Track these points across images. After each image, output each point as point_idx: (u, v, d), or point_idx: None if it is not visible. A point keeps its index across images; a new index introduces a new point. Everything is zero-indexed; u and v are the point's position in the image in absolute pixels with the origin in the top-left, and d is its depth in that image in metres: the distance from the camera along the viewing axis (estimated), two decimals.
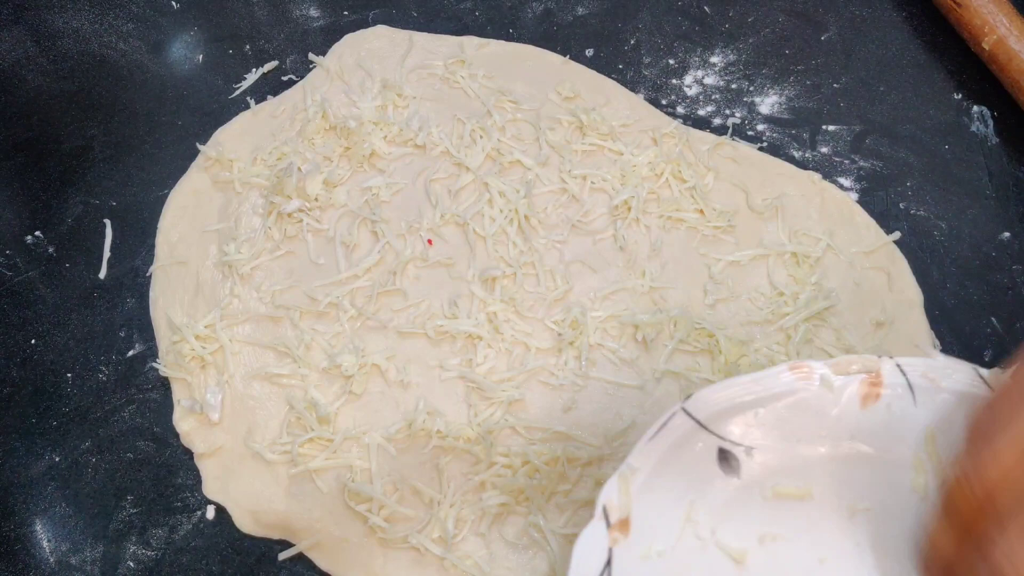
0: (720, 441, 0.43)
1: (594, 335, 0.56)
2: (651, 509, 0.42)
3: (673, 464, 0.43)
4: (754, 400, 0.43)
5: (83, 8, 0.73)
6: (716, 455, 0.44)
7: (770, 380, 0.43)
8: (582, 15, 0.71)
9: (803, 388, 0.43)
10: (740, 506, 0.43)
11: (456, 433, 0.53)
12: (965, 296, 0.58)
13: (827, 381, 0.42)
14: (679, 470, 0.43)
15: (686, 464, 0.43)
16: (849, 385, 0.42)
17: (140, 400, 0.57)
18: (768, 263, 0.59)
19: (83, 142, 0.67)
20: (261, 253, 0.60)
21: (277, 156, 0.63)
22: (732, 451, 0.43)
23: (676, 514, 0.43)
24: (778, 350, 0.55)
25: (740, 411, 0.43)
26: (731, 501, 0.43)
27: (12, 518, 0.54)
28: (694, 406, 0.43)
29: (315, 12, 0.72)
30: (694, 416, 0.43)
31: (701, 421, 0.43)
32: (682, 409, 0.42)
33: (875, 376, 0.42)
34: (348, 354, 0.55)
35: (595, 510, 0.42)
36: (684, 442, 0.43)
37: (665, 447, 0.42)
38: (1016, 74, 0.61)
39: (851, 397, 0.42)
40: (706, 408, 0.43)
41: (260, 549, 0.52)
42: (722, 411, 0.43)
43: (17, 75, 0.70)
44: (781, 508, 0.44)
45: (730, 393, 0.43)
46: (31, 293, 0.61)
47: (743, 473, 0.44)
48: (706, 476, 0.43)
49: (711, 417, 0.43)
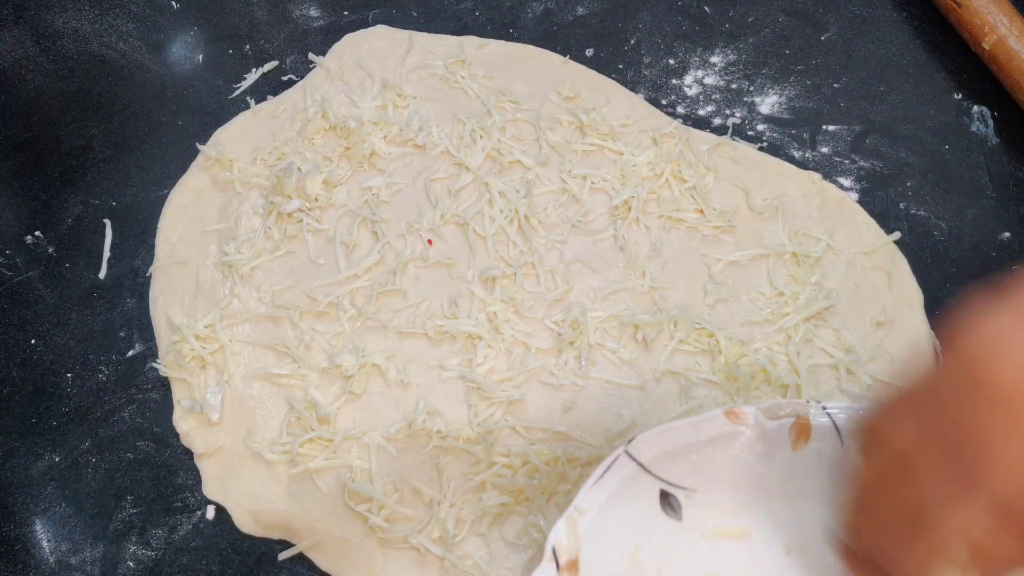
0: (661, 483, 0.45)
1: (594, 335, 0.56)
2: (599, 550, 0.44)
3: (618, 506, 0.44)
4: (692, 444, 0.45)
5: (83, 8, 0.73)
6: (658, 497, 0.45)
7: (707, 424, 0.45)
8: (582, 15, 0.71)
9: (738, 432, 0.45)
10: (683, 547, 0.45)
11: (456, 433, 0.53)
12: (965, 296, 0.58)
13: (759, 425, 0.45)
14: (624, 512, 0.44)
15: (631, 506, 0.45)
16: (781, 429, 0.44)
17: (140, 400, 0.57)
18: (768, 263, 0.59)
19: (83, 142, 0.67)
20: (261, 253, 0.60)
21: (277, 156, 0.63)
22: (673, 493, 0.45)
23: (623, 555, 0.45)
24: (778, 350, 0.55)
25: (679, 454, 0.45)
26: (674, 542, 0.45)
27: (12, 518, 0.54)
28: (636, 449, 0.44)
29: (315, 12, 0.72)
30: (636, 458, 0.44)
31: (643, 464, 0.45)
32: (625, 452, 0.44)
33: (804, 420, 0.44)
34: (348, 354, 0.55)
35: (544, 551, 0.43)
36: (628, 484, 0.44)
37: (610, 489, 0.44)
38: (1016, 74, 0.61)
39: (782, 440, 0.44)
40: (647, 451, 0.45)
41: (260, 549, 0.52)
42: (662, 454, 0.45)
43: (17, 75, 0.70)
44: (722, 548, 0.45)
45: (670, 436, 0.45)
46: (31, 293, 0.61)
47: (684, 514, 0.45)
48: (650, 518, 0.45)
49: (652, 460, 0.45)
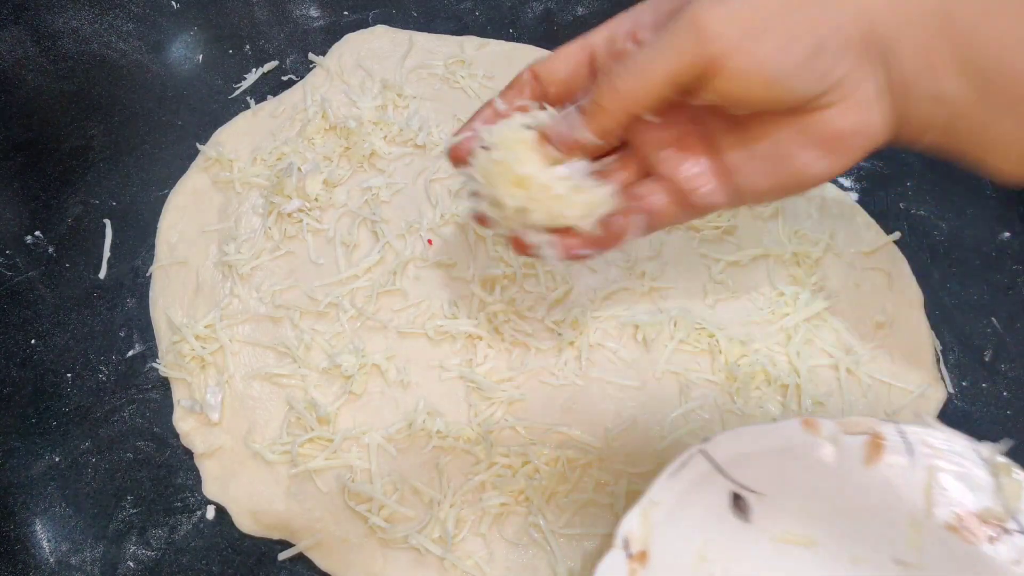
0: (734, 485, 0.45)
1: (594, 335, 0.56)
2: (668, 544, 0.44)
3: (690, 502, 0.44)
4: (767, 449, 0.45)
5: (83, 8, 0.73)
6: (729, 498, 0.45)
7: (783, 431, 0.45)
8: (582, 15, 0.71)
9: (813, 442, 0.45)
10: (749, 549, 0.45)
11: (456, 433, 0.53)
12: (965, 296, 0.58)
13: (835, 438, 0.45)
14: (695, 509, 0.45)
15: (702, 504, 0.45)
16: (855, 443, 0.45)
17: (140, 400, 0.57)
18: (768, 263, 0.59)
19: (83, 142, 0.67)
20: (261, 253, 0.60)
21: (277, 156, 0.63)
22: (744, 495, 0.45)
23: (691, 551, 0.45)
24: (778, 350, 0.55)
25: (753, 458, 0.45)
26: (741, 544, 0.45)
27: (12, 518, 0.54)
28: (713, 448, 0.45)
29: (315, 12, 0.72)
30: (712, 458, 0.45)
31: (718, 463, 0.45)
32: (700, 451, 0.45)
33: (879, 438, 0.45)
34: (348, 354, 0.55)
35: (615, 540, 0.43)
36: (701, 482, 0.45)
37: (683, 485, 0.44)
38: None
39: (856, 455, 0.45)
40: (723, 451, 0.45)
41: (260, 549, 0.52)
42: (737, 456, 0.45)
43: (17, 75, 0.70)
44: (788, 553, 0.46)
45: (745, 440, 0.45)
46: (31, 293, 0.61)
47: (753, 517, 0.45)
48: (719, 517, 0.45)
49: (727, 460, 0.45)
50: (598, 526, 0.51)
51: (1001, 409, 0.55)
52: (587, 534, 0.51)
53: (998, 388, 0.56)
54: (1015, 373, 0.56)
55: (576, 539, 0.51)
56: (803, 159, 0.39)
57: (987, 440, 0.53)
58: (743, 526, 0.45)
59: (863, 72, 0.36)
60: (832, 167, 0.39)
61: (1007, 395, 0.55)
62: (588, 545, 0.51)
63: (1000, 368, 0.56)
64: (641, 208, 0.42)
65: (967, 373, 0.56)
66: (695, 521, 0.45)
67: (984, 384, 0.56)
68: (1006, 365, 0.56)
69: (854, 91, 0.36)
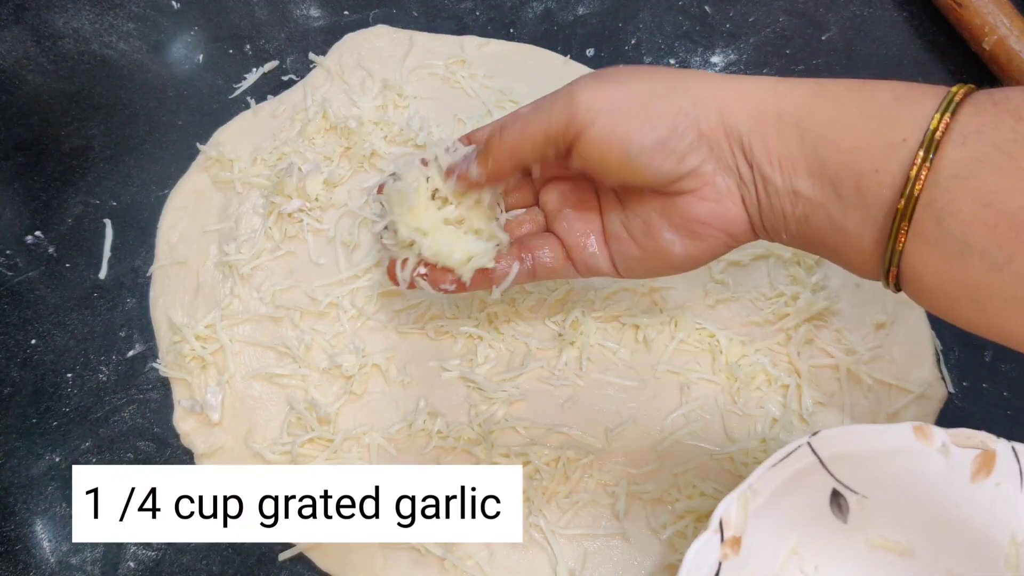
0: (835, 483, 0.45)
1: (595, 335, 0.56)
2: (762, 534, 0.43)
3: (789, 495, 0.44)
4: (874, 451, 0.44)
5: (83, 8, 0.73)
6: (829, 495, 0.45)
7: (893, 435, 0.44)
8: (583, 15, 0.71)
9: (922, 450, 0.44)
10: (843, 550, 0.45)
11: (456, 433, 0.53)
12: None
13: (946, 448, 0.44)
14: (793, 502, 0.44)
15: (801, 497, 0.44)
16: (965, 457, 0.44)
17: (140, 400, 0.57)
18: (769, 263, 0.59)
19: (83, 142, 0.67)
20: (261, 253, 0.60)
21: (277, 156, 0.63)
22: (845, 495, 0.45)
23: (784, 544, 0.45)
24: (779, 350, 0.55)
25: (859, 458, 0.44)
26: (835, 543, 0.45)
27: (13, 518, 0.54)
28: (819, 443, 0.44)
29: (315, 12, 0.72)
30: (817, 452, 0.44)
31: (823, 459, 0.44)
32: (807, 443, 0.44)
33: (989, 454, 0.44)
34: (348, 354, 0.55)
35: (711, 522, 0.42)
36: (802, 476, 0.44)
37: (785, 476, 0.44)
38: (1016, 74, 0.61)
39: (964, 468, 0.44)
40: (829, 447, 0.44)
41: (260, 549, 0.52)
42: (843, 453, 0.44)
43: (17, 75, 0.70)
44: (882, 559, 0.45)
45: (854, 438, 0.44)
46: (31, 293, 0.61)
47: (851, 518, 0.45)
48: (817, 513, 0.45)
49: (832, 457, 0.44)
50: (598, 526, 0.51)
51: (1002, 409, 0.55)
52: (587, 534, 0.51)
53: (999, 388, 0.56)
54: (1016, 373, 0.56)
55: (576, 539, 0.51)
56: (666, 238, 0.43)
57: None
58: (840, 526, 0.45)
59: (718, 165, 0.40)
60: (691, 251, 0.43)
61: (1008, 395, 0.55)
62: (588, 545, 0.51)
63: (1001, 368, 0.56)
64: (530, 259, 0.48)
65: (968, 373, 0.56)
66: (792, 514, 0.44)
67: (985, 384, 0.56)
68: (1007, 365, 0.56)
69: (710, 181, 0.40)
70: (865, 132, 0.36)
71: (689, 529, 0.50)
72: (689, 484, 0.51)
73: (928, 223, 0.34)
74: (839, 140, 0.37)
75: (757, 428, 0.53)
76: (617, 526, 0.51)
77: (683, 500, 0.51)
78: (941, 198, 0.33)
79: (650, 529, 0.51)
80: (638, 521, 0.51)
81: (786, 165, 0.38)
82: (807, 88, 0.39)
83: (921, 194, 0.34)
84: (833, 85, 0.38)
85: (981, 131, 0.33)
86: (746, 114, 0.39)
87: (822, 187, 0.37)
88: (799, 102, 0.38)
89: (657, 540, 0.51)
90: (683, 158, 0.40)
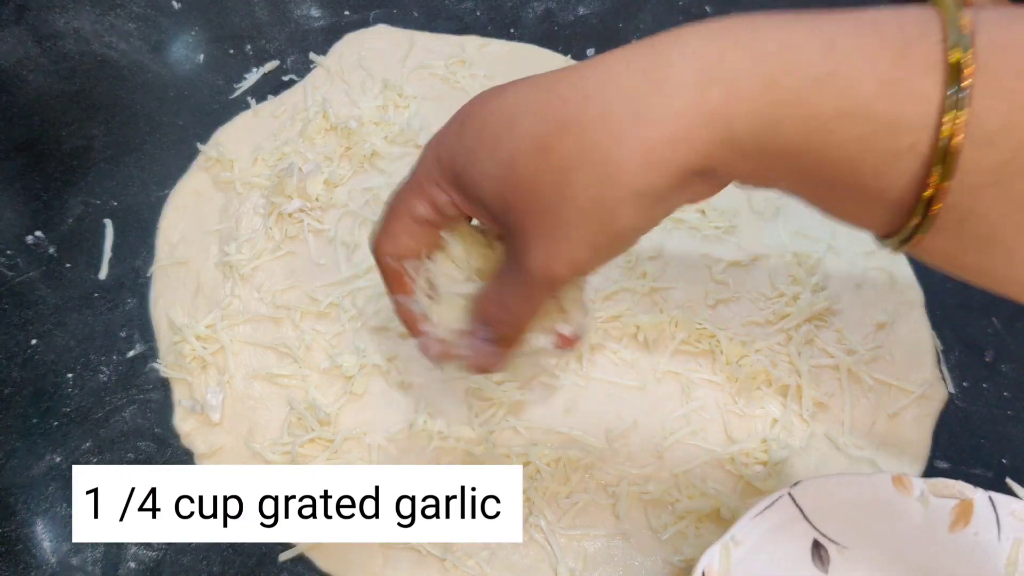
0: (816, 533, 0.45)
1: (595, 336, 0.56)
2: None
3: (771, 545, 0.44)
4: (854, 501, 0.45)
5: (84, 8, 0.73)
6: (810, 546, 0.45)
7: (872, 485, 0.45)
8: (583, 15, 0.71)
9: (901, 500, 0.45)
10: None
11: (457, 434, 0.53)
12: (966, 296, 0.58)
13: (924, 498, 0.44)
14: (775, 553, 0.44)
15: (782, 549, 0.45)
16: (943, 506, 0.44)
17: (141, 401, 0.57)
18: (769, 264, 0.58)
19: (84, 142, 0.67)
20: (262, 253, 0.60)
21: (278, 156, 0.63)
22: (825, 545, 0.45)
23: None
24: (779, 351, 0.55)
25: (839, 508, 0.45)
26: None
27: (13, 518, 0.54)
28: (800, 493, 0.44)
29: (316, 12, 0.72)
30: (798, 503, 0.45)
31: (804, 510, 0.45)
32: (788, 494, 0.44)
33: (967, 504, 0.44)
34: (349, 354, 0.55)
35: (694, 572, 0.43)
36: (785, 526, 0.44)
37: (767, 526, 0.44)
38: None
39: (942, 518, 0.44)
40: (809, 498, 0.45)
41: (260, 549, 0.52)
42: (824, 505, 0.45)
43: (18, 75, 0.70)
44: None
45: (833, 488, 0.45)
46: (32, 293, 0.61)
47: (832, 568, 0.45)
48: (798, 564, 0.45)
49: (812, 508, 0.45)
50: (599, 527, 0.51)
51: (1002, 409, 0.55)
52: (588, 535, 0.51)
53: (999, 388, 0.56)
54: (1016, 373, 0.56)
55: (577, 539, 0.51)
56: None
57: (986, 441, 0.53)
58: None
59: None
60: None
61: (1008, 395, 0.55)
62: (589, 546, 0.51)
63: (1001, 368, 0.56)
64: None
65: (968, 373, 0.56)
66: (774, 566, 0.44)
67: (985, 384, 0.56)
68: (1007, 365, 0.56)
69: None
70: (854, 139, 0.27)
71: (690, 529, 0.50)
72: (690, 484, 0.51)
73: (949, 222, 0.27)
74: (822, 153, 0.28)
75: (758, 428, 0.53)
76: (617, 526, 0.51)
77: (684, 500, 0.51)
78: (964, 203, 0.27)
79: (650, 529, 0.51)
80: (638, 521, 0.51)
81: (762, 182, 0.31)
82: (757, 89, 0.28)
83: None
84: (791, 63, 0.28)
85: (1008, 128, 0.25)
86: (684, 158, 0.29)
87: (815, 189, 0.30)
88: (753, 120, 0.28)
89: (657, 540, 0.51)
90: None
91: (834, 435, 0.53)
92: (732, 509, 0.50)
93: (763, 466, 0.52)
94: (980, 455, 0.53)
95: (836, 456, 0.53)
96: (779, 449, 0.52)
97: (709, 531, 0.50)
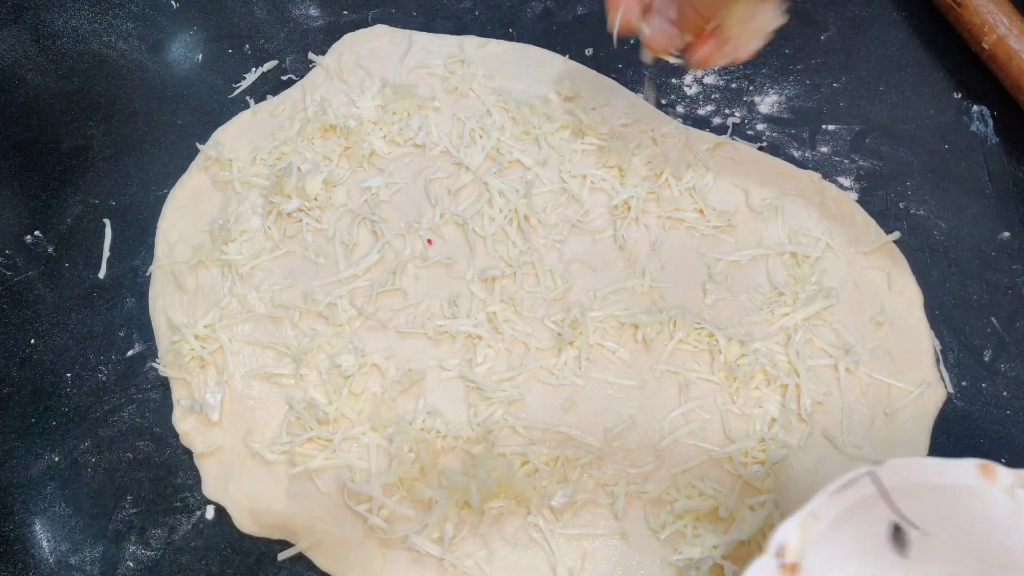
0: (897, 516, 0.44)
1: (594, 335, 0.56)
2: (820, 561, 0.42)
3: (849, 524, 0.43)
4: (938, 485, 0.43)
5: (83, 8, 0.73)
6: (889, 529, 0.44)
7: (958, 471, 0.43)
8: (582, 14, 0.71)
9: (987, 489, 0.43)
10: None
11: (456, 433, 0.53)
12: (965, 296, 0.58)
13: (1012, 490, 0.43)
14: (853, 532, 0.43)
15: (861, 528, 0.43)
16: None
17: (140, 400, 0.57)
18: (768, 263, 0.59)
19: (82, 142, 0.67)
20: (261, 253, 0.60)
21: (277, 156, 0.63)
22: (906, 529, 0.44)
23: (841, 573, 0.43)
24: (778, 350, 0.55)
25: (922, 492, 0.43)
26: None
27: (12, 518, 0.54)
28: (884, 473, 0.43)
29: (315, 12, 0.72)
30: (881, 483, 0.43)
31: (886, 490, 0.43)
32: (869, 473, 0.43)
33: None
34: (348, 354, 0.55)
35: (769, 545, 0.41)
36: (863, 506, 0.43)
37: (846, 505, 0.43)
38: (1016, 74, 0.61)
39: None
40: (893, 478, 0.43)
41: (260, 549, 0.52)
42: (907, 486, 0.43)
43: (17, 75, 0.70)
44: None
45: (918, 470, 0.43)
46: (31, 293, 0.61)
47: (911, 553, 0.44)
48: (876, 546, 0.44)
49: (895, 488, 0.43)
50: (598, 526, 0.51)
51: (1001, 409, 0.55)
52: (587, 534, 0.51)
53: (998, 388, 0.56)
54: (1015, 373, 0.56)
55: (576, 539, 0.51)
56: None
57: (985, 440, 0.53)
58: (898, 560, 0.44)
59: None
60: None
61: (1007, 395, 0.55)
62: (588, 545, 0.51)
63: (1000, 368, 0.56)
64: None
65: (967, 373, 0.56)
66: (850, 544, 0.43)
67: (984, 384, 0.56)
68: (1006, 365, 0.56)
69: None
70: None
71: (688, 529, 0.50)
72: (688, 484, 0.52)
73: None
74: None
75: (756, 427, 0.53)
76: (616, 526, 0.51)
77: (682, 500, 0.51)
78: None
79: (649, 529, 0.51)
80: (637, 521, 0.51)
81: None
82: None
83: None
84: None
85: None
86: None
87: None
88: None
89: (656, 540, 0.51)
90: None
91: (832, 434, 0.53)
92: (730, 508, 0.50)
93: (761, 465, 0.52)
94: (979, 455, 0.53)
95: (834, 455, 0.53)
96: (777, 448, 0.52)
97: (707, 530, 0.50)
